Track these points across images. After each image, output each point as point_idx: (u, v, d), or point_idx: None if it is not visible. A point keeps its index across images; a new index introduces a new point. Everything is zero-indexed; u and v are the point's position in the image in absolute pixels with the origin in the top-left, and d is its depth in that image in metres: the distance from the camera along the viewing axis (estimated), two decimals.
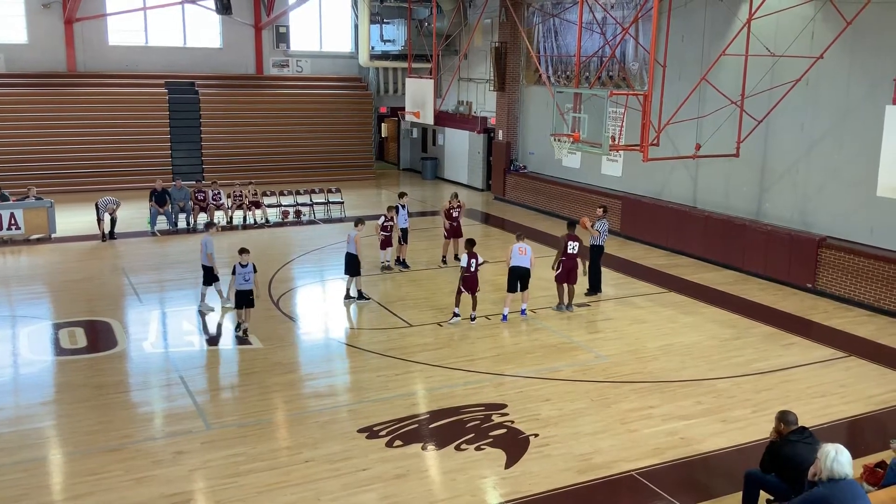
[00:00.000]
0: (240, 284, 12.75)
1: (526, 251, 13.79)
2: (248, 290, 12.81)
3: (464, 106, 29.29)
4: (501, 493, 8.32)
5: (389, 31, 29.18)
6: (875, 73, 14.94)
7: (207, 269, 14.20)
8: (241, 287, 12.76)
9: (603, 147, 14.39)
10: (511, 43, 25.40)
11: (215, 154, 28.46)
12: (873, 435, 9.87)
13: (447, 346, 12.67)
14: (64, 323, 13.50)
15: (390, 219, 16.57)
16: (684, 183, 19.77)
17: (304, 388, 11.05)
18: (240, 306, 12.90)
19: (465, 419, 10.00)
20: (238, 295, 12.82)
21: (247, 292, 12.81)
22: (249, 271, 12.78)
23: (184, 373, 11.42)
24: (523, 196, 25.40)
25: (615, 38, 20.33)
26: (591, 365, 12.00)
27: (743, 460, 8.68)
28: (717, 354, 12.52)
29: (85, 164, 26.37)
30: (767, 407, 10.29)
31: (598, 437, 9.60)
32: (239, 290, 12.77)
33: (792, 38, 16.02)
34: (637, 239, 20.36)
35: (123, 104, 27.23)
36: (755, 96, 16.08)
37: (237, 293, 12.82)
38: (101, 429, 9.60)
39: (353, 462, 8.86)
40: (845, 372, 11.89)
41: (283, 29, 30.52)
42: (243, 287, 12.77)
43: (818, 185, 16.35)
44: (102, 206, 19.58)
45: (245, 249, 12.90)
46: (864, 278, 15.00)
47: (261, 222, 21.88)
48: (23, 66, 26.72)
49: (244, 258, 12.76)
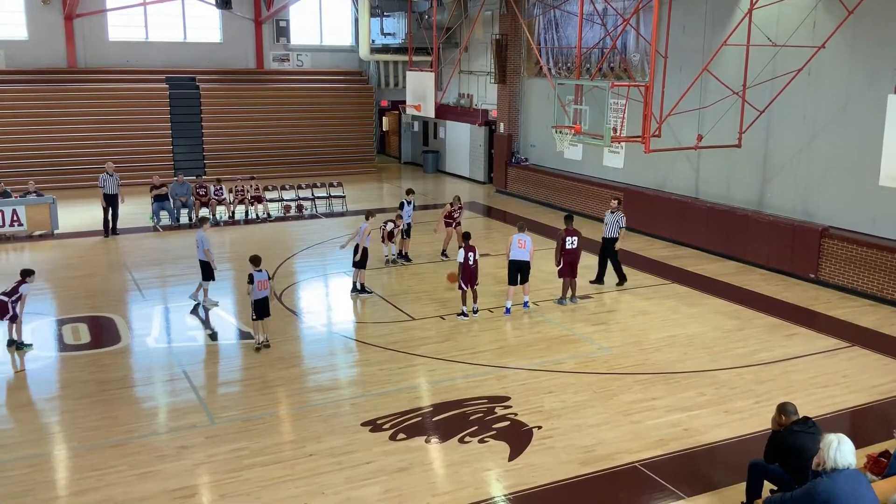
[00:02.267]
0: (256, 294, 12.05)
1: (525, 244, 13.76)
2: (265, 297, 12.15)
3: (465, 99, 29.24)
4: (505, 485, 8.34)
5: (390, 24, 29.11)
6: (877, 62, 14.89)
7: (205, 265, 14.04)
8: (258, 297, 12.07)
9: (605, 139, 14.36)
10: (512, 35, 25.33)
11: (216, 149, 28.47)
12: (876, 425, 9.86)
13: (450, 340, 12.68)
14: (67, 319, 13.53)
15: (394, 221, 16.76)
16: (686, 174, 19.74)
17: (308, 382, 11.06)
18: (260, 317, 12.19)
19: (468, 412, 10.01)
20: (256, 305, 12.09)
21: (263, 300, 12.13)
22: (264, 277, 12.10)
23: (187, 368, 11.44)
24: (525, 189, 25.37)
25: (616, 29, 20.26)
26: (594, 357, 12.00)
27: (746, 451, 8.67)
28: (719, 345, 12.51)
29: (86, 160, 26.36)
30: (770, 398, 10.30)
31: (601, 428, 9.61)
32: (256, 299, 12.07)
33: (793, 27, 15.96)
34: (639, 230, 20.32)
35: (124, 100, 27.24)
36: (757, 87, 16.03)
37: (255, 303, 12.07)
38: (105, 424, 9.63)
39: (356, 455, 8.88)
40: (848, 362, 11.89)
41: (284, 23, 30.48)
42: (259, 296, 12.10)
43: (820, 175, 16.31)
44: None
45: (258, 257, 12.22)
46: (866, 268, 14.98)
47: (262, 217, 21.88)
48: (23, 62, 26.72)
49: (259, 266, 12.08)
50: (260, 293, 12.06)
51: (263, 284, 12.07)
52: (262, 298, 12.10)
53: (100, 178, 19.60)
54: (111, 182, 19.43)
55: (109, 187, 19.40)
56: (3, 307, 11.81)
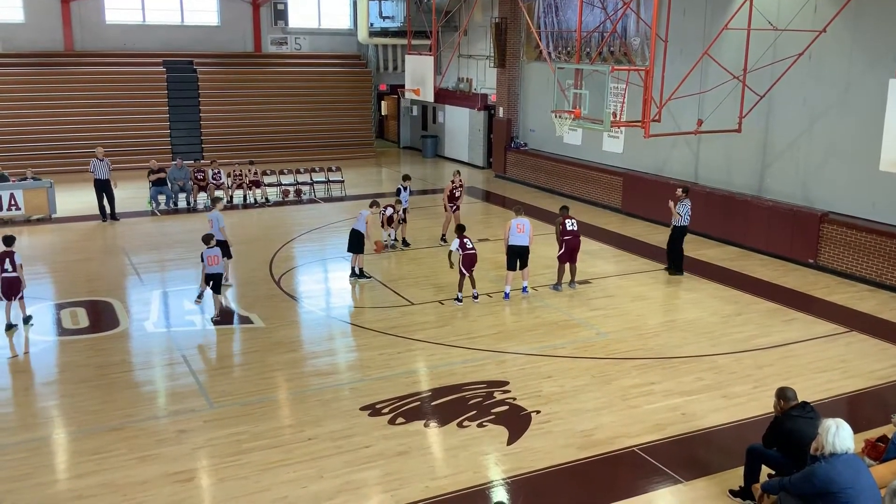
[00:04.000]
0: (208, 269, 12.59)
1: (524, 228, 13.74)
2: (217, 273, 12.72)
3: (464, 83, 29.12)
4: (503, 469, 8.36)
5: (388, 7, 28.93)
6: (878, 47, 14.82)
7: (222, 243, 14.09)
8: (210, 271, 12.61)
9: (604, 123, 14.30)
10: (511, 18, 25.19)
11: (214, 133, 28.36)
12: (874, 410, 9.88)
13: (449, 324, 12.68)
14: (66, 303, 13.52)
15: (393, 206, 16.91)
16: (686, 159, 19.69)
17: (306, 366, 11.07)
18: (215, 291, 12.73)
19: (466, 396, 10.03)
20: (208, 279, 12.63)
21: (215, 275, 12.69)
22: (215, 253, 12.64)
23: (186, 352, 11.44)
24: (524, 173, 25.31)
25: (616, 12, 20.14)
26: (593, 342, 12.01)
27: (744, 436, 8.70)
28: (718, 330, 12.53)
29: (83, 143, 26.19)
30: (768, 383, 10.31)
31: (600, 413, 9.63)
32: (207, 273, 12.59)
33: (794, 11, 15.87)
34: (638, 216, 20.32)
35: (121, 83, 27.09)
36: (757, 71, 15.96)
37: (206, 276, 12.61)
38: (105, 408, 9.64)
39: (355, 440, 8.90)
40: (846, 347, 11.91)
41: (281, 6, 30.26)
42: (211, 271, 12.61)
43: (820, 160, 16.27)
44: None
45: (207, 236, 12.80)
46: (865, 253, 14.97)
47: (261, 202, 21.83)
48: (20, 45, 26.55)
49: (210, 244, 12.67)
50: (211, 268, 12.57)
51: (212, 259, 12.57)
52: (214, 273, 12.62)
53: (90, 163, 19.37)
54: (101, 167, 19.21)
55: (100, 172, 19.20)
56: (17, 284, 12.00)
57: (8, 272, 11.93)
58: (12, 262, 11.94)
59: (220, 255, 12.72)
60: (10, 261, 11.94)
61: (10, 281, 11.95)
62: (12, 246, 12.09)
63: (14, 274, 11.95)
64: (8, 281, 11.94)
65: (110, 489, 7.88)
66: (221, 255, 13.03)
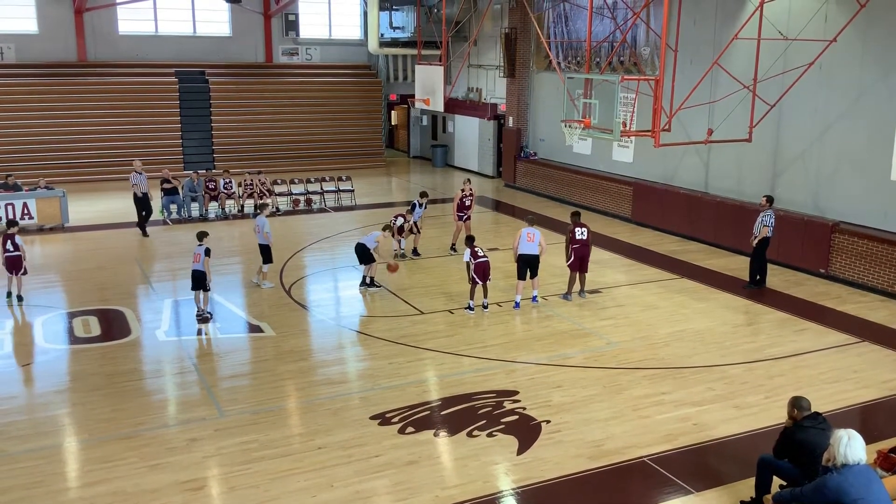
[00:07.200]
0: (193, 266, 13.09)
1: (534, 237, 13.74)
2: (200, 270, 13.04)
3: (474, 93, 29.19)
4: (513, 479, 8.34)
5: (399, 17, 29.07)
6: (889, 56, 14.78)
7: (264, 248, 14.72)
8: (193, 268, 13.08)
9: (614, 133, 14.31)
10: (521, 28, 25.27)
11: (226, 143, 28.53)
12: (887, 420, 9.82)
13: (458, 334, 12.68)
14: (78, 312, 13.59)
15: (404, 216, 16.94)
16: (696, 168, 19.66)
17: (317, 375, 11.09)
18: (195, 288, 13.15)
19: (476, 406, 10.02)
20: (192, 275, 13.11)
21: (198, 273, 13.03)
22: (199, 252, 13.04)
23: (197, 360, 11.48)
24: (534, 183, 25.33)
25: (626, 22, 20.19)
26: (603, 351, 11.98)
27: (755, 446, 8.64)
28: (729, 340, 12.48)
29: (96, 153, 26.50)
30: (780, 393, 10.26)
31: (610, 423, 9.60)
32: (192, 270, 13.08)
33: (805, 21, 15.86)
34: (648, 225, 20.28)
35: (134, 93, 27.32)
36: (768, 80, 15.94)
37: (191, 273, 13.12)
38: (115, 416, 9.68)
39: (365, 449, 8.90)
40: (858, 357, 11.83)
41: (293, 17, 30.47)
42: (194, 268, 13.06)
43: (831, 170, 16.22)
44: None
45: (201, 233, 13.33)
46: (877, 263, 14.89)
47: (272, 211, 21.87)
48: (33, 56, 26.81)
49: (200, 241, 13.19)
50: (194, 265, 13.03)
51: (195, 257, 13.07)
52: (196, 271, 13.04)
53: (131, 176, 19.06)
54: (143, 181, 18.97)
55: (144, 186, 18.95)
56: (19, 262, 13.79)
57: (10, 252, 13.73)
58: (14, 242, 13.78)
59: (202, 254, 13.06)
60: (12, 242, 13.77)
61: (12, 259, 13.77)
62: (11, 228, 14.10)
63: (17, 253, 13.75)
64: (11, 259, 13.76)
65: (121, 497, 7.90)
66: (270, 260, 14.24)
